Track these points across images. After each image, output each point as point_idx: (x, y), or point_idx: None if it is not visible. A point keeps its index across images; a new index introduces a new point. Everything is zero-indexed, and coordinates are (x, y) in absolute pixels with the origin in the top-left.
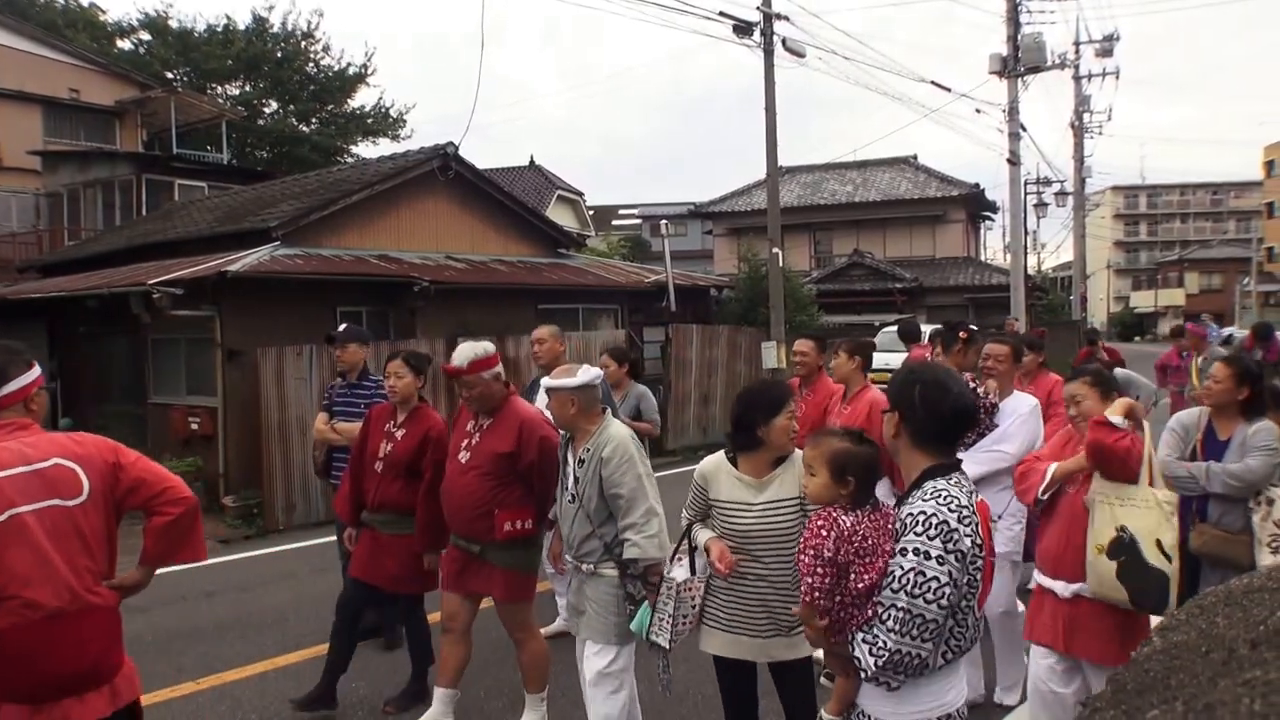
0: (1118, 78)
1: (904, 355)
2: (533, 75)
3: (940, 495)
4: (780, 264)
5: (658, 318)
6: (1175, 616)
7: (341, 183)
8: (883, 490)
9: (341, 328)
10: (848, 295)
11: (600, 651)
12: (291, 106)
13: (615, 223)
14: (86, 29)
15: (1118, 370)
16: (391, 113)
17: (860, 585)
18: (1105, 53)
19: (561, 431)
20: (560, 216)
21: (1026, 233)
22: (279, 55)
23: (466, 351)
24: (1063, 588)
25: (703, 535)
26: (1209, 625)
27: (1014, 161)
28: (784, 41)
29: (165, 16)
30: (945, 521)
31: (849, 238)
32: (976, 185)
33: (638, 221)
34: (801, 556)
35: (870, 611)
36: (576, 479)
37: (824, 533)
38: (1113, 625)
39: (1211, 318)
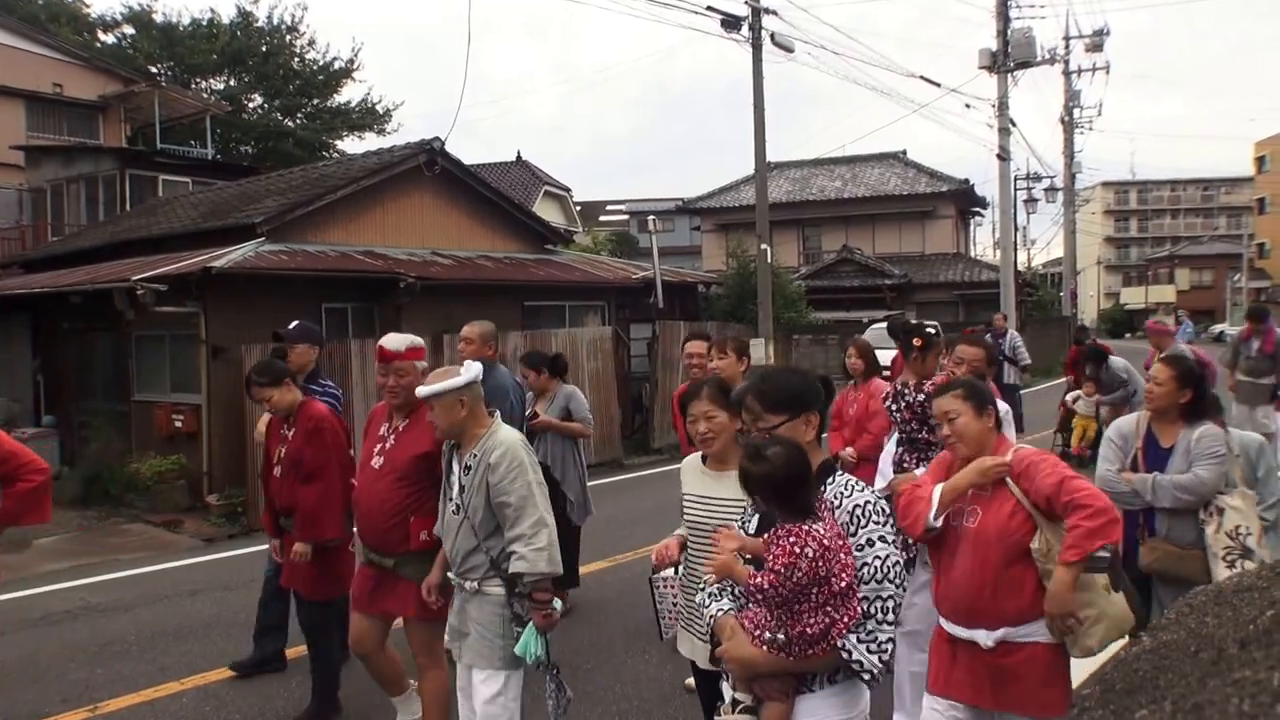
0: (1108, 73)
1: (893, 353)
2: (520, 71)
3: (860, 485)
4: (769, 260)
5: (645, 314)
6: (1165, 616)
7: (327, 178)
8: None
9: (291, 325)
10: (836, 292)
11: (487, 679)
12: (277, 101)
13: (603, 218)
14: (70, 23)
15: (1114, 360)
16: (378, 108)
17: (841, 585)
18: (1095, 47)
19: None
20: (547, 212)
21: (1016, 229)
22: (264, 49)
23: (401, 338)
24: (985, 637)
25: (678, 531)
26: (1199, 624)
27: (1004, 157)
28: (772, 36)
29: (149, 10)
30: (883, 508)
31: (838, 234)
32: (966, 181)
33: (625, 217)
34: (759, 582)
35: (852, 610)
36: (462, 488)
37: (797, 550)
38: (1049, 669)
39: (1188, 314)
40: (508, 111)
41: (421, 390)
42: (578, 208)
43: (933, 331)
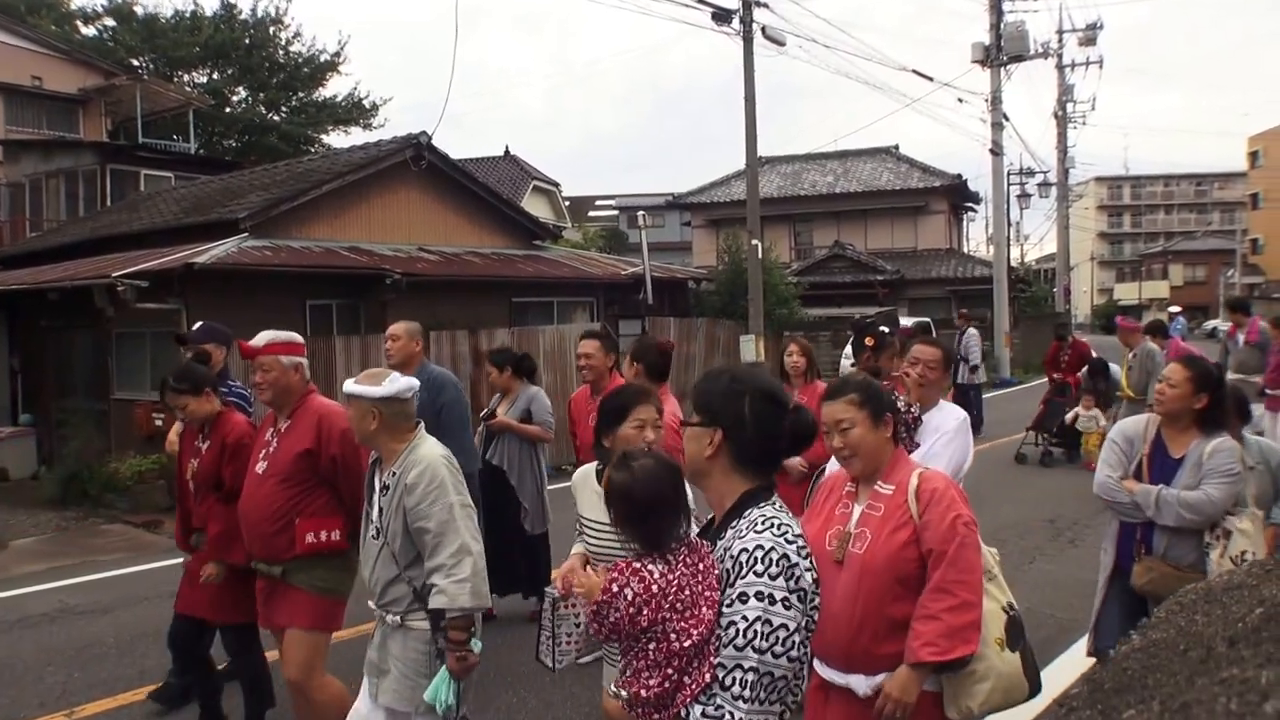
0: (1101, 67)
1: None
2: (509, 64)
3: (773, 525)
4: (760, 256)
5: (635, 311)
6: (1155, 614)
7: (312, 173)
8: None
9: (195, 326)
10: (828, 288)
11: None
12: (261, 95)
13: (592, 214)
14: (49, 14)
15: (1115, 369)
16: (364, 102)
17: (685, 643)
18: (1089, 41)
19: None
20: (536, 207)
21: (1009, 224)
22: (247, 42)
23: (265, 334)
24: (861, 684)
25: (576, 548)
26: (1188, 623)
27: (997, 152)
28: (763, 29)
29: (131, 2)
30: (785, 556)
31: (829, 229)
32: (959, 176)
33: (615, 212)
34: (590, 620)
35: (705, 676)
36: (381, 509)
37: (615, 589)
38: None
39: (1180, 310)
40: (496, 105)
41: (346, 386)
42: (567, 203)
43: (886, 331)
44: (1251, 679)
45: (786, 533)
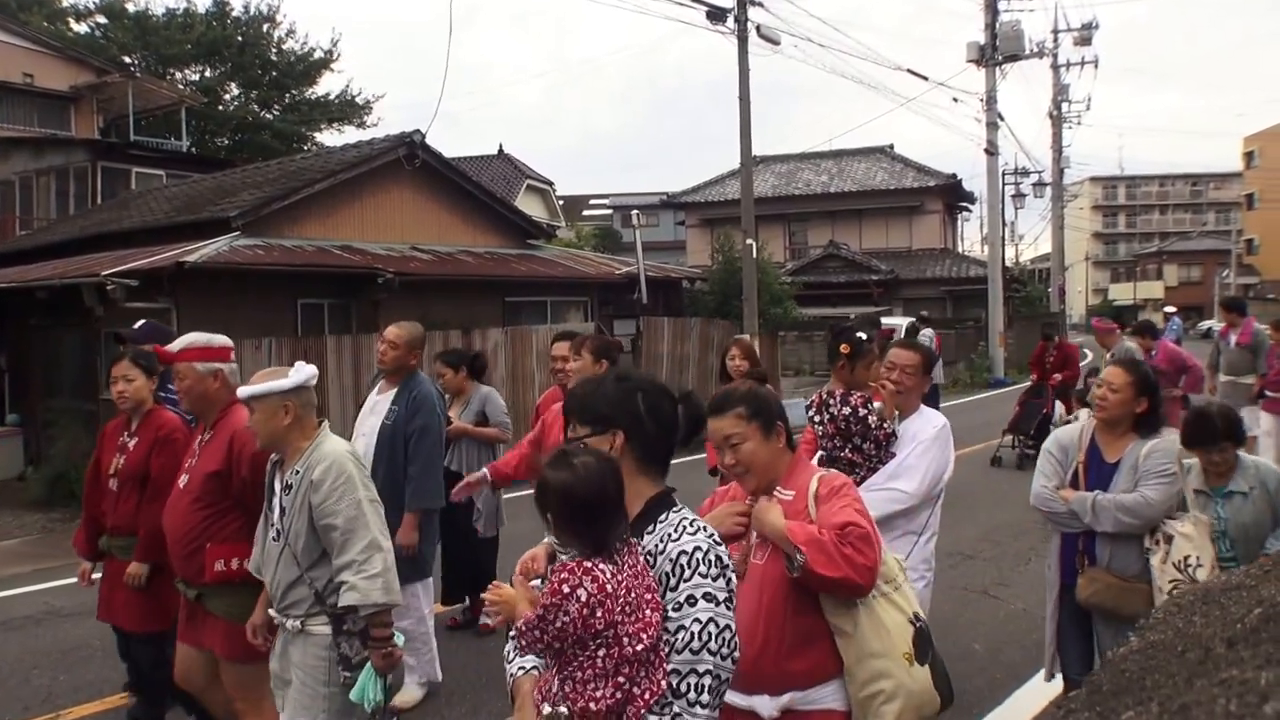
0: (1096, 66)
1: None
2: (503, 62)
3: (700, 527)
4: (754, 255)
5: (629, 310)
6: (1154, 615)
7: (304, 171)
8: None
9: (137, 324)
10: (823, 288)
11: None
12: (253, 93)
13: (586, 213)
14: (41, 11)
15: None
16: (357, 100)
17: (638, 648)
18: (1084, 41)
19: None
20: (529, 206)
21: (1004, 224)
22: (240, 40)
23: (186, 337)
24: (767, 706)
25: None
26: (1186, 624)
27: (992, 151)
28: (758, 28)
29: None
30: (719, 557)
31: (824, 229)
32: (954, 176)
33: (609, 212)
34: (519, 624)
35: (660, 684)
36: (283, 510)
37: (566, 590)
38: None
39: (1176, 310)
40: (490, 104)
41: (242, 390)
42: (560, 202)
43: (864, 338)
44: (1251, 680)
45: (713, 534)
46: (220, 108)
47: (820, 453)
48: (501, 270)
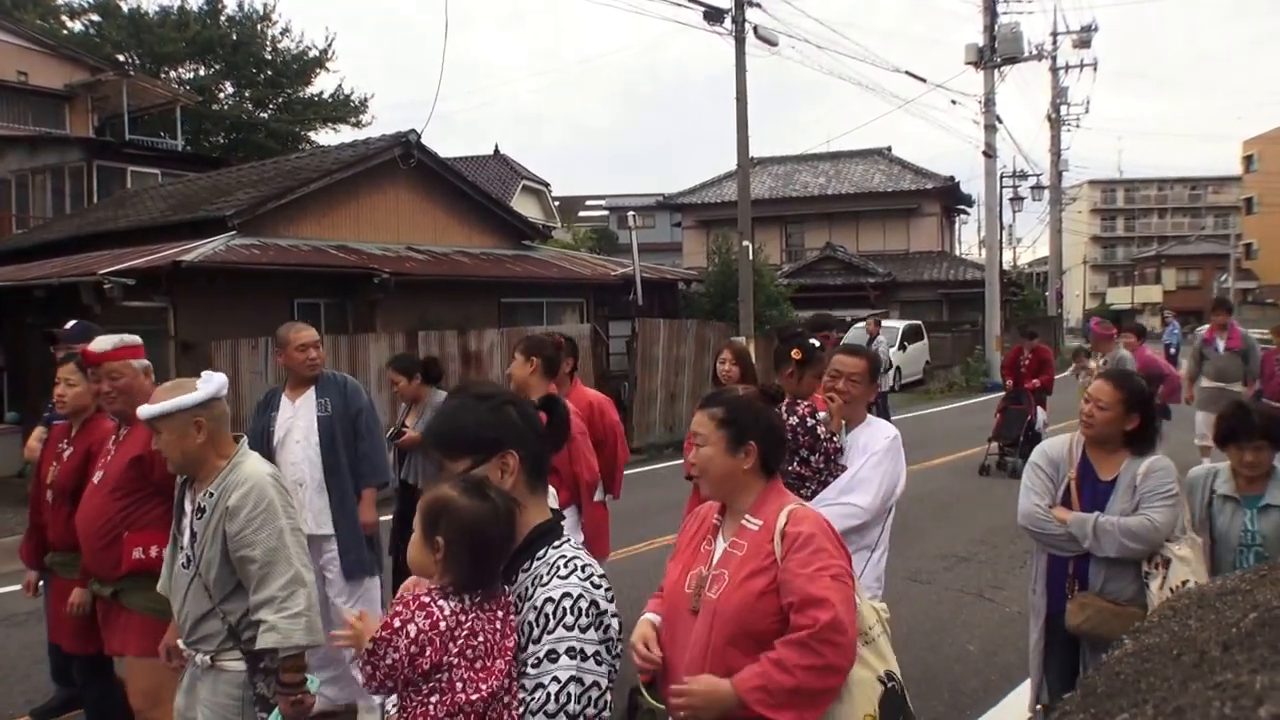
0: (1095, 69)
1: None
2: (499, 62)
3: (578, 566)
4: (751, 257)
5: (624, 312)
6: (1149, 619)
7: (300, 171)
8: None
9: (69, 325)
10: (819, 290)
11: None
12: (248, 92)
13: (582, 214)
14: (35, 9)
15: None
16: (352, 99)
17: (473, 696)
18: (1083, 44)
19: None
20: (525, 207)
21: (1002, 227)
22: (234, 38)
23: (110, 338)
24: None
25: None
26: (1181, 627)
27: (990, 154)
28: (755, 29)
29: None
30: (594, 603)
31: (821, 231)
32: (951, 178)
33: (605, 213)
34: (363, 665)
35: None
36: (194, 534)
37: (398, 623)
38: None
39: (1174, 314)
40: (485, 104)
41: (143, 411)
42: (556, 203)
43: (816, 344)
44: (1245, 684)
45: (592, 575)
46: (215, 107)
47: None
48: (497, 271)
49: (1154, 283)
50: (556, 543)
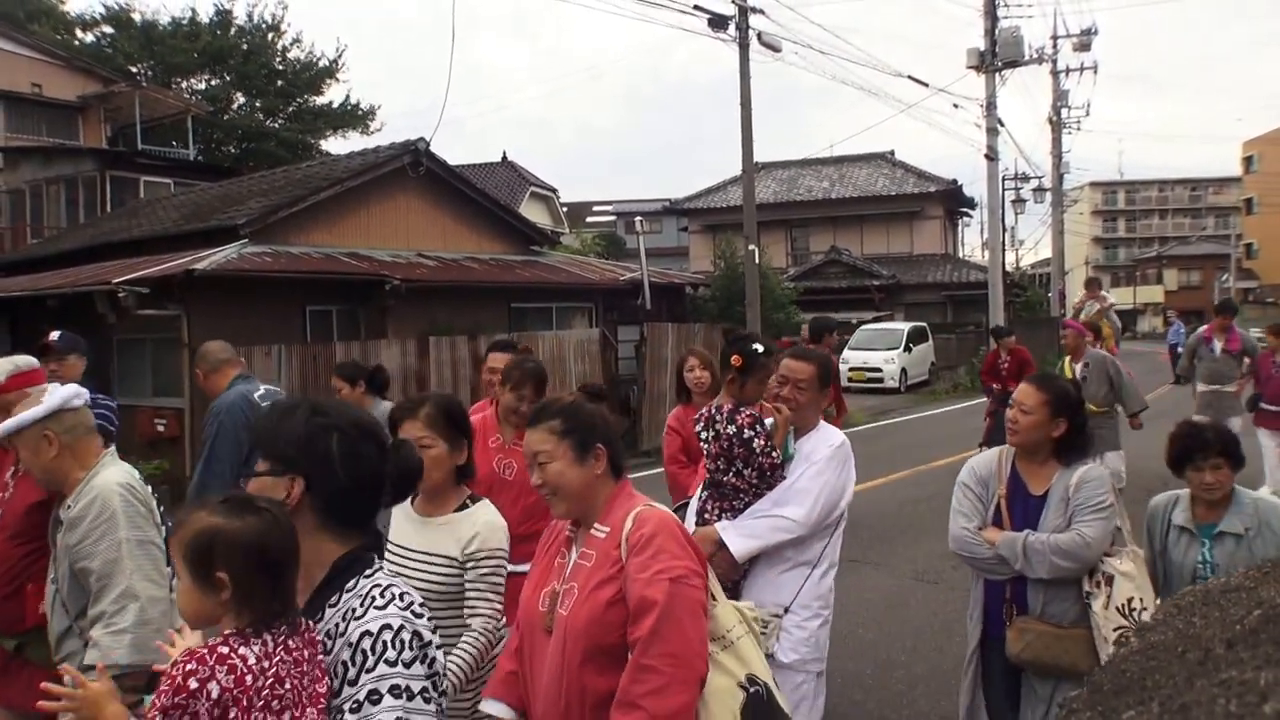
0: (1096, 72)
1: (887, 353)
2: (507, 69)
3: (396, 595)
4: (757, 261)
5: (633, 316)
6: (1154, 616)
7: (310, 179)
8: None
9: (54, 335)
10: (824, 293)
11: None
12: (259, 101)
13: (590, 219)
14: (48, 22)
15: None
16: (361, 107)
17: None
18: (1083, 47)
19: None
20: (533, 213)
21: (1004, 229)
22: (245, 48)
23: (4, 365)
24: None
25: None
26: (1186, 625)
27: (992, 157)
28: (759, 35)
29: (128, 9)
30: (418, 634)
31: (826, 234)
32: (954, 181)
33: (612, 218)
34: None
35: None
36: (53, 551)
37: (193, 683)
38: None
39: (1178, 314)
40: (494, 111)
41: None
42: (564, 209)
43: (759, 349)
44: (1250, 681)
45: (412, 604)
46: (226, 116)
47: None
48: (506, 276)
49: (1155, 283)
50: (368, 571)
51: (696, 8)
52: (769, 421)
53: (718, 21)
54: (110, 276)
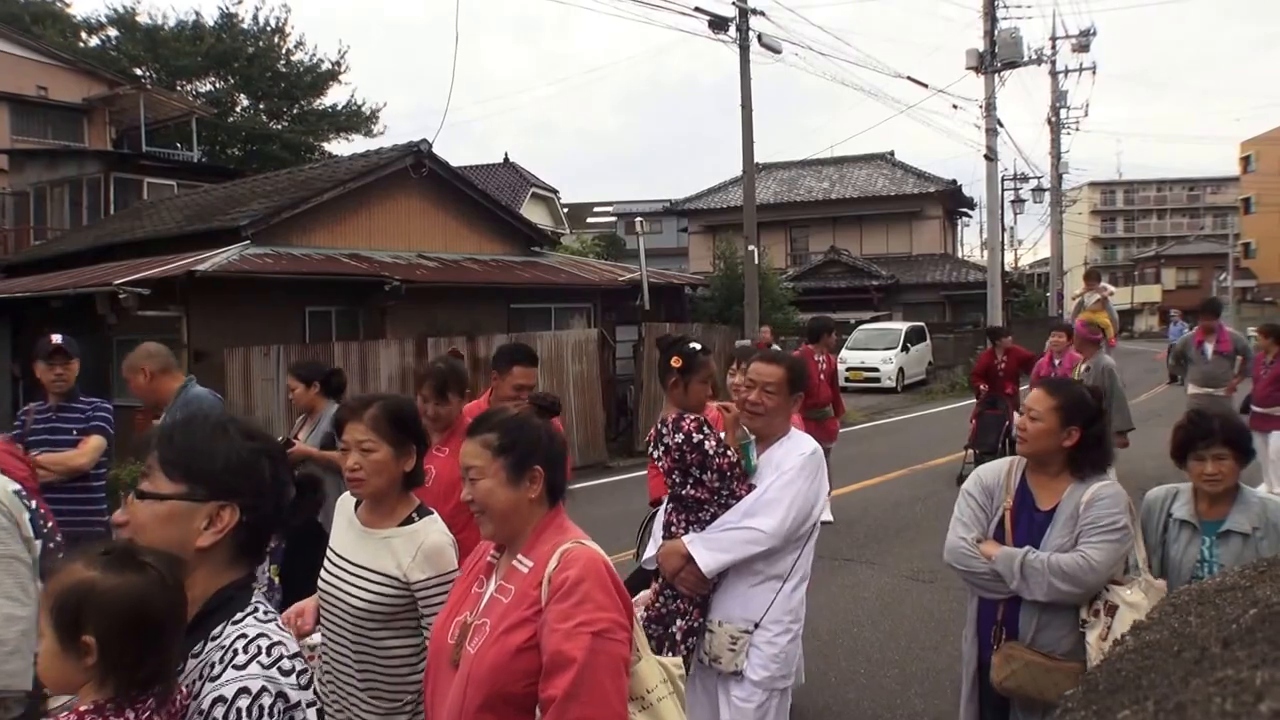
0: (1094, 73)
1: (885, 353)
2: (509, 71)
3: (260, 651)
4: (756, 261)
5: (631, 316)
6: (1150, 615)
7: (313, 181)
8: None
9: (58, 338)
10: (824, 293)
11: None
12: (262, 104)
13: (590, 220)
14: (53, 24)
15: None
16: (364, 109)
17: None
18: (1082, 48)
19: None
20: (534, 214)
21: (1003, 229)
22: (249, 51)
23: None
24: None
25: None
26: (1181, 624)
27: (991, 157)
28: (759, 37)
29: (133, 12)
30: (282, 695)
31: (825, 235)
32: (953, 182)
33: (613, 219)
34: None
35: None
36: None
37: None
38: None
39: (1180, 314)
40: (496, 112)
41: None
42: (565, 209)
43: (696, 349)
44: (1246, 679)
45: (279, 658)
46: (230, 119)
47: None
48: (506, 277)
49: (1154, 282)
50: (238, 616)
51: (697, 9)
52: (735, 422)
53: (718, 23)
54: (111, 278)
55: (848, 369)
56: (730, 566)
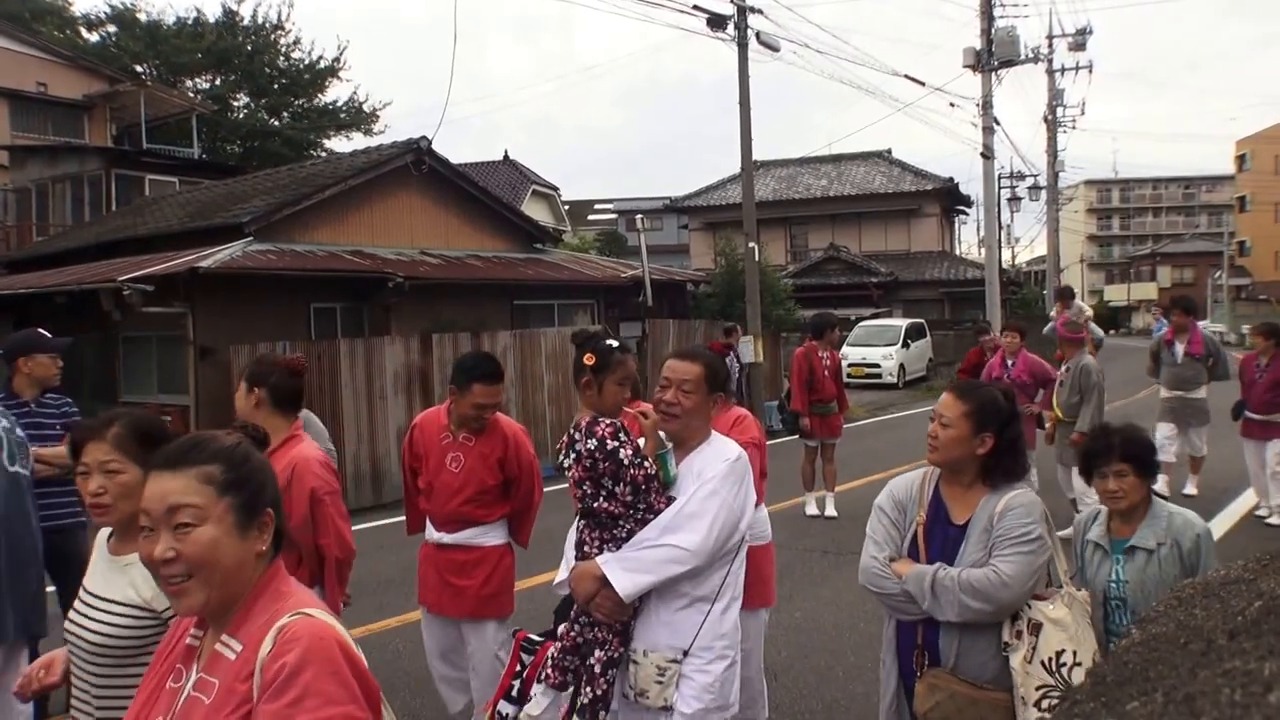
0: (1090, 71)
1: (886, 349)
2: (508, 69)
3: None
4: (756, 258)
5: (634, 313)
6: (1154, 609)
7: (314, 177)
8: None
9: (54, 336)
10: (823, 290)
11: None
12: (263, 100)
13: (591, 217)
14: (54, 21)
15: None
16: (364, 107)
17: None
18: (1078, 46)
19: None
20: (535, 211)
21: (1001, 227)
22: (249, 48)
23: None
24: None
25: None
26: (1187, 617)
27: (988, 155)
28: (758, 35)
29: (134, 9)
30: None
31: (824, 232)
32: (951, 179)
33: (613, 216)
34: None
35: None
36: None
37: None
38: None
39: (1160, 312)
40: (495, 109)
41: None
42: (566, 207)
43: (613, 345)
44: (1254, 671)
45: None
46: (230, 115)
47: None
48: (509, 274)
49: (1149, 280)
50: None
51: (696, 7)
52: (652, 430)
53: (717, 21)
54: (115, 274)
55: (849, 365)
56: (652, 589)
